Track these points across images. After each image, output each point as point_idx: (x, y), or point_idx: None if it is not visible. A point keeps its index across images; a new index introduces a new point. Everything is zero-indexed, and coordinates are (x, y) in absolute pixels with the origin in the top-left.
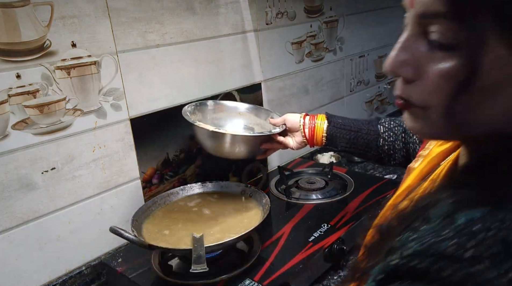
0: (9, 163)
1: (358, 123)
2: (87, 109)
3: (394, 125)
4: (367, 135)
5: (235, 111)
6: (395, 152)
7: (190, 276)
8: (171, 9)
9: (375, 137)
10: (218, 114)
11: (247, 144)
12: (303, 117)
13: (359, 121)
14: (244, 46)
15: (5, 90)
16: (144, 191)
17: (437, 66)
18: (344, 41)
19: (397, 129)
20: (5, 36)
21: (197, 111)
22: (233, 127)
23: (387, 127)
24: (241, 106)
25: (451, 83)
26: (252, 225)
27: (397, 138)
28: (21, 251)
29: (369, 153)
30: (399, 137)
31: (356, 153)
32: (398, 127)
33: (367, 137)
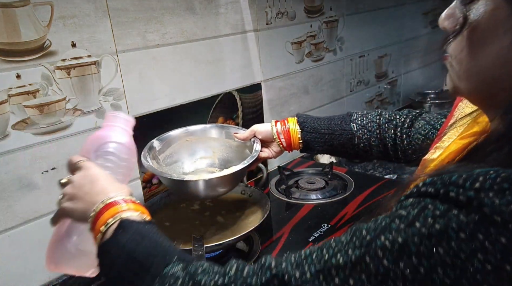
0: (9, 163)
1: (331, 124)
2: (87, 109)
3: (368, 122)
4: (341, 137)
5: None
6: (371, 147)
7: None
8: (171, 9)
9: (349, 138)
10: (169, 150)
11: (228, 182)
12: (275, 125)
13: (332, 121)
14: (244, 46)
15: (5, 90)
16: (144, 191)
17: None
18: (344, 41)
19: (370, 125)
20: (5, 36)
21: (151, 158)
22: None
23: (360, 125)
24: (192, 132)
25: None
26: (252, 225)
27: (371, 135)
28: (21, 251)
29: (346, 152)
30: (374, 133)
31: (334, 153)
32: (371, 123)
33: (341, 138)
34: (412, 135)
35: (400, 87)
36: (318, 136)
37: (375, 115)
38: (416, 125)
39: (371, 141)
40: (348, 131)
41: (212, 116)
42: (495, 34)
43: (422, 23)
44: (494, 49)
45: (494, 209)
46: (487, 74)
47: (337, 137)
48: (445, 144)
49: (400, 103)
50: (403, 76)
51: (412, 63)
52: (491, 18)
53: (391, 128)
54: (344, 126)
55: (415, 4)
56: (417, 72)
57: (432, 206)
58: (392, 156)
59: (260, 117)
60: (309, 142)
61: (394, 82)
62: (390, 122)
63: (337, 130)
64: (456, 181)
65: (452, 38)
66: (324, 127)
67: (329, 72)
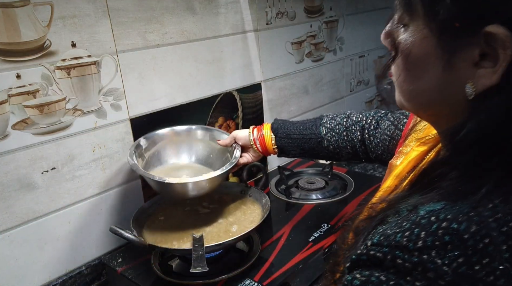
0: (9, 163)
1: (302, 129)
2: (87, 109)
3: (335, 124)
4: (311, 141)
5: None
6: (341, 149)
7: (190, 276)
8: (171, 9)
9: (319, 141)
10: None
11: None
12: (252, 132)
13: (303, 125)
14: (244, 46)
15: (5, 90)
16: (144, 191)
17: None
18: (344, 41)
19: (338, 128)
20: (5, 36)
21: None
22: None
23: (329, 128)
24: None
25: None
26: (252, 225)
27: (339, 138)
28: (21, 251)
29: (318, 154)
30: (341, 136)
31: (308, 157)
32: (339, 126)
33: (311, 142)
34: (379, 136)
35: None
36: (290, 142)
37: (343, 118)
38: (382, 126)
39: (339, 144)
40: (317, 135)
41: (212, 116)
42: (427, 62)
43: None
44: (429, 76)
45: (437, 273)
46: (426, 98)
47: (307, 141)
48: (408, 149)
49: None
50: None
51: None
52: (421, 47)
53: (358, 130)
54: (314, 130)
55: None
56: None
57: (382, 278)
58: (361, 157)
59: (260, 117)
60: (282, 147)
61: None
62: (357, 124)
63: (307, 134)
64: (400, 242)
65: (389, 64)
66: (296, 132)
67: (329, 72)
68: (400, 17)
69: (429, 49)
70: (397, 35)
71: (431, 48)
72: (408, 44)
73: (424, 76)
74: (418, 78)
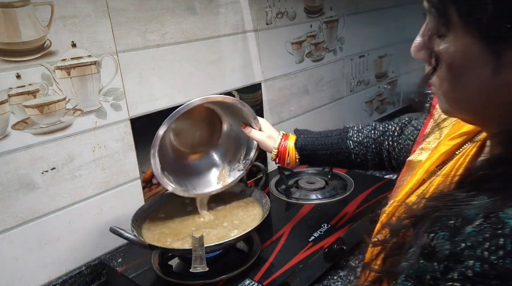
0: (9, 163)
1: (328, 145)
2: (87, 109)
3: (363, 138)
4: (338, 155)
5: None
6: (367, 161)
7: (190, 276)
8: (171, 9)
9: (346, 155)
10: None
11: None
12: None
13: (329, 139)
14: (244, 46)
15: (5, 90)
16: (144, 191)
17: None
18: (344, 41)
19: (366, 141)
20: (5, 36)
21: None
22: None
23: (356, 142)
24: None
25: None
26: (252, 225)
27: (367, 151)
28: (21, 251)
29: (344, 166)
30: (370, 149)
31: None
32: (367, 139)
33: (339, 156)
34: (402, 142)
35: (400, 87)
36: (316, 158)
37: (369, 130)
38: (405, 132)
39: (367, 156)
40: (344, 149)
41: None
42: (474, 68)
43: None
44: (476, 81)
45: None
46: (474, 104)
47: (335, 156)
48: (432, 145)
49: (400, 103)
50: (403, 76)
51: (412, 63)
52: (465, 55)
53: (385, 139)
54: (341, 144)
55: (415, 4)
56: (417, 72)
57: None
58: (387, 166)
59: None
60: (307, 162)
61: (394, 82)
62: (384, 135)
63: (335, 149)
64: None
65: (430, 75)
66: (322, 148)
67: (329, 72)
68: (434, 28)
69: (474, 56)
70: (434, 46)
71: (477, 54)
72: (451, 53)
73: (471, 82)
74: (465, 86)
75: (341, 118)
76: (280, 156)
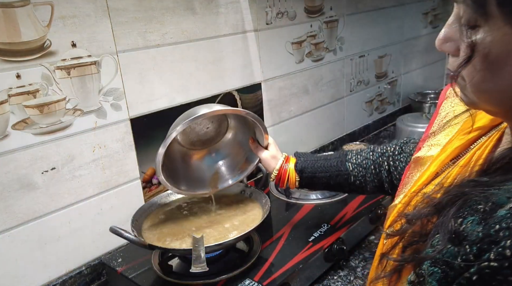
0: (9, 163)
1: (328, 166)
2: (87, 109)
3: (362, 160)
4: (337, 177)
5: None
6: (367, 184)
7: (190, 276)
8: (171, 9)
9: (345, 177)
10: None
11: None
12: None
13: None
14: (244, 46)
15: (5, 90)
16: (144, 191)
17: (464, 42)
18: (344, 41)
19: (365, 162)
20: (5, 36)
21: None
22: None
23: (355, 164)
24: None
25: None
26: (252, 225)
27: (366, 172)
28: (21, 251)
29: (343, 189)
30: (369, 170)
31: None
32: (366, 160)
33: (338, 178)
34: (403, 160)
35: (400, 87)
36: (316, 180)
37: (368, 152)
38: (406, 149)
39: (366, 178)
40: (344, 172)
41: None
42: (510, 56)
43: (422, 23)
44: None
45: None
46: (506, 95)
47: (334, 178)
48: (442, 141)
49: (400, 103)
50: (403, 76)
51: (412, 63)
52: (503, 44)
53: (384, 160)
54: (340, 167)
55: (415, 4)
56: (417, 72)
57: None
58: (387, 187)
59: (260, 117)
60: (306, 186)
61: (394, 82)
62: (382, 156)
63: (334, 172)
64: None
65: (463, 66)
66: (322, 170)
67: (329, 72)
68: (468, 18)
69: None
70: (465, 37)
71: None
72: (487, 43)
73: (506, 73)
74: (499, 77)
75: (341, 118)
76: (280, 177)
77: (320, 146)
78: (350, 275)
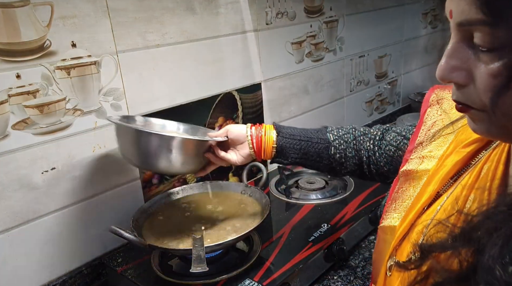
0: (9, 163)
1: (307, 133)
2: (87, 109)
3: (344, 133)
4: (318, 145)
5: (164, 129)
6: (347, 159)
7: (190, 276)
8: (171, 9)
9: (326, 146)
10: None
11: (184, 150)
12: (249, 128)
13: (307, 130)
14: (244, 46)
15: (5, 90)
16: (144, 191)
17: (485, 67)
18: (344, 41)
19: (347, 136)
20: (5, 36)
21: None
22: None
23: (337, 135)
24: (171, 125)
25: (500, 82)
26: (252, 225)
27: (348, 146)
28: (21, 251)
29: (321, 162)
30: (350, 144)
31: (307, 164)
32: (347, 134)
33: (318, 146)
34: (383, 147)
35: (400, 87)
36: (295, 143)
37: (350, 128)
38: (387, 137)
39: (347, 152)
40: (325, 140)
41: (212, 116)
42: None
43: (422, 23)
44: None
45: None
46: None
47: (314, 145)
48: (436, 152)
49: (400, 103)
50: (403, 76)
51: (412, 63)
52: None
53: (366, 141)
54: (321, 136)
55: (415, 4)
56: (417, 72)
57: None
58: (366, 170)
59: (260, 117)
60: (283, 148)
61: (394, 82)
62: (364, 135)
63: (314, 138)
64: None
65: (500, 93)
66: (301, 134)
67: (329, 72)
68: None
69: None
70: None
71: None
72: None
73: None
74: None
75: (341, 118)
76: (256, 139)
77: None
78: (350, 275)
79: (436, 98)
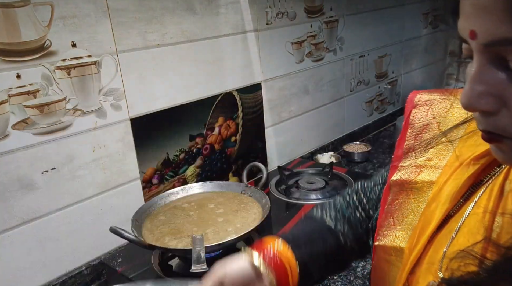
0: (9, 163)
1: (305, 228)
2: (87, 109)
3: (336, 210)
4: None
5: None
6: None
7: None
8: (171, 9)
9: (327, 228)
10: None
11: None
12: (258, 255)
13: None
14: (244, 46)
15: (5, 90)
16: (144, 191)
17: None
18: (344, 41)
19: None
20: (5, 36)
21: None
22: None
23: (330, 212)
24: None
25: None
26: (252, 225)
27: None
28: (21, 251)
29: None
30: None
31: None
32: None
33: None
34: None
35: (400, 87)
36: (310, 250)
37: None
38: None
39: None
40: (320, 221)
41: (212, 116)
42: None
43: (422, 23)
44: None
45: None
46: None
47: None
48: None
49: (400, 103)
50: (403, 76)
51: (412, 63)
52: None
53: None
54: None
55: (415, 4)
56: (417, 72)
57: None
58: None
59: (260, 117)
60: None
61: (394, 82)
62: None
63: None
64: None
65: None
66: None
67: (329, 72)
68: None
69: None
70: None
71: None
72: None
73: None
74: None
75: (341, 118)
76: (269, 260)
77: (320, 146)
78: (350, 275)
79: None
